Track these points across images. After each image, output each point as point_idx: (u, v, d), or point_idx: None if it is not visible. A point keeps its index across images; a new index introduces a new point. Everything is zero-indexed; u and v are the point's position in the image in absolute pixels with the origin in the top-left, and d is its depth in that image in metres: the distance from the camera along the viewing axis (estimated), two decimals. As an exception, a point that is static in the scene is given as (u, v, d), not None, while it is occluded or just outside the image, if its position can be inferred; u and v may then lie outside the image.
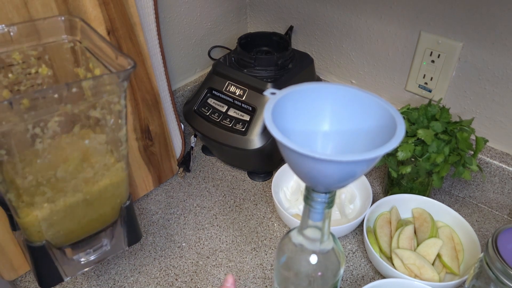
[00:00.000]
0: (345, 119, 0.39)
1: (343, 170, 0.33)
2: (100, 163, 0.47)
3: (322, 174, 0.34)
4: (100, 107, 0.44)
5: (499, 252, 0.47)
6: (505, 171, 0.74)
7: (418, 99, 0.84)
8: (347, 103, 0.39)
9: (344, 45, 0.90)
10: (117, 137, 0.48)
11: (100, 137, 0.47)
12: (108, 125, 0.46)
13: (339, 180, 0.35)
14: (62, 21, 0.52)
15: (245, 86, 0.79)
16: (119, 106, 0.45)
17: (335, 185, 0.37)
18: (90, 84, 0.41)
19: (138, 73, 0.71)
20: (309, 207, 0.40)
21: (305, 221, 0.42)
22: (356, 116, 0.39)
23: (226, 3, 0.97)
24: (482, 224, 0.76)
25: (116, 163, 0.49)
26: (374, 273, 0.68)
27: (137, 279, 0.67)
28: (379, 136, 0.36)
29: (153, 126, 0.77)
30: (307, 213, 0.41)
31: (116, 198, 0.51)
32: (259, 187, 0.84)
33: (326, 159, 0.31)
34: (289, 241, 0.45)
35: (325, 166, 0.32)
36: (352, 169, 0.33)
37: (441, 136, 0.67)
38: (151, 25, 0.75)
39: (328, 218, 0.41)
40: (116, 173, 0.49)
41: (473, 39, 0.71)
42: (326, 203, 0.39)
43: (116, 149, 0.49)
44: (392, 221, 0.71)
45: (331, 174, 0.34)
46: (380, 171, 0.88)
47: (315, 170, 0.33)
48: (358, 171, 0.34)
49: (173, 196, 0.82)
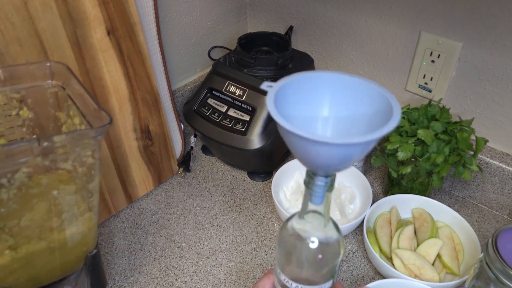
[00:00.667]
0: (344, 106, 0.41)
1: (341, 152, 0.35)
2: (68, 213, 0.46)
3: (322, 157, 0.36)
4: (72, 160, 0.43)
5: (499, 252, 0.47)
6: (505, 171, 0.74)
7: (418, 99, 0.84)
8: (345, 90, 0.40)
9: (344, 45, 0.90)
10: (88, 189, 0.46)
11: (69, 188, 0.45)
12: (79, 177, 0.45)
13: (338, 162, 0.37)
14: (48, 67, 0.51)
15: (245, 86, 0.79)
16: (92, 159, 0.44)
17: (334, 168, 0.39)
18: (62, 139, 0.40)
19: (138, 72, 0.71)
20: (310, 191, 0.41)
21: (306, 205, 0.43)
22: (353, 102, 0.40)
23: (226, 3, 0.97)
24: (482, 224, 0.76)
25: (85, 212, 0.48)
26: (374, 273, 0.68)
27: (137, 279, 0.67)
28: (376, 121, 0.38)
29: (153, 126, 0.77)
30: (308, 197, 0.42)
31: (82, 246, 0.50)
32: (259, 187, 0.84)
33: (325, 142, 0.33)
34: (290, 226, 0.46)
35: (324, 149, 0.34)
36: (349, 151, 0.35)
37: (441, 136, 0.67)
38: (151, 25, 0.75)
39: (328, 202, 0.43)
40: (84, 223, 0.48)
41: (473, 39, 0.71)
42: (327, 186, 0.40)
43: (86, 200, 0.47)
44: (392, 221, 0.71)
45: (330, 157, 0.35)
46: (380, 171, 0.88)
47: (315, 153, 0.35)
48: (355, 154, 0.36)
49: (173, 196, 0.82)
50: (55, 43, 0.59)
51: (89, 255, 0.52)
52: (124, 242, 0.73)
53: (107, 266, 0.68)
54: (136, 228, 0.75)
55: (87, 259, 0.52)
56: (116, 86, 0.69)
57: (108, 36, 0.65)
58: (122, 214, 0.78)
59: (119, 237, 0.73)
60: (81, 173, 0.44)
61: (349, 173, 0.80)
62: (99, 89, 0.66)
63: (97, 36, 0.64)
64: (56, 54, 0.59)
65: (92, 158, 0.44)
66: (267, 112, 0.76)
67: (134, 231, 0.75)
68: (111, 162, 0.72)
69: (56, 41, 0.59)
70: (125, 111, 0.71)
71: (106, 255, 0.70)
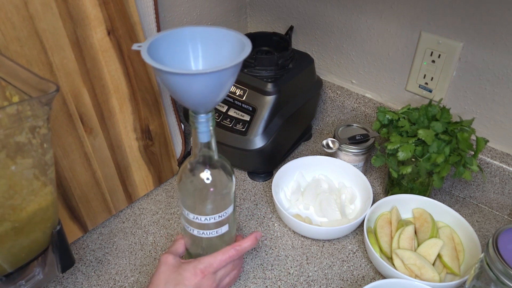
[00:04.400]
0: (212, 51, 0.51)
1: (213, 80, 0.44)
2: (28, 189, 0.46)
3: (199, 89, 0.44)
4: (26, 132, 0.43)
5: (500, 252, 0.47)
6: (505, 171, 0.74)
7: (418, 99, 0.84)
8: (211, 39, 0.50)
9: (344, 45, 0.90)
10: (44, 161, 0.46)
11: (26, 162, 0.45)
12: (34, 149, 0.45)
13: (212, 92, 0.46)
14: None
15: (245, 86, 0.79)
16: (45, 130, 0.44)
17: (210, 101, 0.47)
18: (14, 110, 0.40)
19: (138, 72, 0.71)
20: (196, 130, 0.50)
21: (196, 144, 0.52)
22: (218, 47, 0.50)
23: (226, 3, 0.97)
24: (483, 224, 0.76)
25: (44, 187, 0.47)
26: (374, 273, 0.68)
27: (138, 279, 0.67)
28: (234, 55, 0.47)
29: (154, 126, 0.77)
30: (196, 137, 0.51)
31: (46, 222, 0.50)
32: (259, 187, 0.84)
33: (201, 72, 0.43)
34: (185, 167, 0.55)
35: (200, 79, 0.43)
36: (220, 78, 0.44)
37: (442, 136, 0.67)
38: (151, 25, 0.75)
39: (213, 136, 0.52)
40: (44, 197, 0.48)
41: (473, 39, 0.71)
42: (209, 122, 0.49)
43: (44, 173, 0.47)
44: (393, 221, 0.71)
45: (206, 87, 0.44)
46: (380, 171, 0.88)
47: (187, 87, 0.44)
48: (224, 80, 0.45)
49: (174, 196, 0.82)
50: (55, 43, 0.59)
51: (54, 232, 0.51)
52: (125, 242, 0.73)
53: (107, 266, 0.68)
54: (137, 228, 0.75)
55: (53, 236, 0.51)
56: (116, 86, 0.69)
57: (108, 36, 0.65)
58: (122, 214, 0.78)
59: (120, 237, 0.73)
60: (35, 145, 0.44)
61: (349, 173, 0.80)
62: (99, 89, 0.66)
63: (97, 36, 0.64)
64: (56, 54, 0.59)
65: (45, 128, 0.44)
66: (268, 112, 0.76)
67: (134, 231, 0.75)
68: (112, 162, 0.72)
69: (56, 41, 0.59)
70: (126, 111, 0.71)
71: (107, 255, 0.70)
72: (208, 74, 0.42)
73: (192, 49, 0.50)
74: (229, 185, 0.56)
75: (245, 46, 0.47)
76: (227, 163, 0.56)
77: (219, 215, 0.56)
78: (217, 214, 0.56)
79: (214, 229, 0.57)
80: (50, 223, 0.50)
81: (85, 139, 0.66)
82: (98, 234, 0.74)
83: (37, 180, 0.47)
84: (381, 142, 0.88)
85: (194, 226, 0.57)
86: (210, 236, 0.58)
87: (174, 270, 0.54)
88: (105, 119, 0.69)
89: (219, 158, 0.55)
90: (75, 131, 0.65)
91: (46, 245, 0.51)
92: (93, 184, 0.70)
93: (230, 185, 0.56)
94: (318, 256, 0.70)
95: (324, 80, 0.96)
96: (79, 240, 0.73)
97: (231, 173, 0.56)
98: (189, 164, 0.55)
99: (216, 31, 0.50)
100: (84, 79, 0.64)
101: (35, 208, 0.47)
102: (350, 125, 0.85)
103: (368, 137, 0.81)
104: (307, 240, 0.73)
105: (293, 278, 0.66)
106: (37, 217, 0.48)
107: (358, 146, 0.80)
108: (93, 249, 0.71)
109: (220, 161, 0.55)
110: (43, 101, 0.42)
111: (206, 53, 0.51)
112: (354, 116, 0.93)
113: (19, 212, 0.46)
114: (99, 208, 0.73)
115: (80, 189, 0.68)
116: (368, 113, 0.90)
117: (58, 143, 0.63)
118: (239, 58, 0.44)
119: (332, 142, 0.81)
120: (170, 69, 0.42)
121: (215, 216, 0.56)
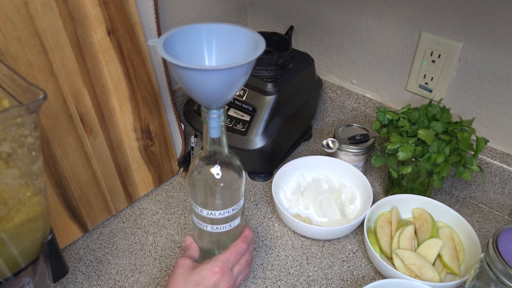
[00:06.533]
0: (226, 48, 0.51)
1: (226, 77, 0.44)
2: (14, 199, 0.44)
3: (209, 86, 0.45)
4: (10, 141, 0.41)
5: (500, 252, 0.47)
6: (505, 172, 0.74)
7: (418, 99, 0.84)
8: (226, 36, 0.50)
9: (344, 45, 0.90)
10: (32, 171, 0.44)
11: (12, 172, 0.43)
12: (19, 159, 0.43)
13: (225, 89, 0.46)
14: None
15: (245, 86, 0.79)
16: (31, 138, 0.42)
17: (223, 97, 0.48)
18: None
19: (139, 72, 0.71)
20: (208, 125, 0.50)
21: (207, 140, 0.53)
22: (233, 44, 0.50)
23: (226, 3, 0.97)
24: (483, 224, 0.76)
25: (33, 197, 0.46)
26: (374, 273, 0.68)
27: (138, 279, 0.67)
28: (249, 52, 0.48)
29: (154, 126, 0.77)
30: (207, 132, 0.52)
31: (35, 232, 0.48)
32: (259, 187, 0.84)
33: (214, 69, 0.43)
34: (196, 163, 0.55)
35: (213, 75, 0.44)
36: (233, 75, 0.45)
37: (442, 136, 0.67)
38: (151, 25, 0.75)
39: (224, 133, 0.53)
40: (33, 208, 0.46)
41: (473, 39, 0.71)
42: (221, 118, 0.50)
43: (32, 183, 0.45)
44: (393, 221, 0.71)
45: (219, 83, 0.45)
46: (380, 171, 0.88)
47: (202, 82, 0.44)
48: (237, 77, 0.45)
49: (174, 196, 0.82)
50: (56, 43, 0.59)
51: (45, 242, 0.50)
52: (125, 242, 0.73)
53: (107, 266, 0.69)
54: (137, 228, 0.75)
55: (43, 246, 0.50)
56: (116, 86, 0.69)
57: (108, 36, 0.65)
58: (122, 214, 0.78)
59: (120, 237, 0.73)
60: (21, 154, 0.43)
61: (349, 173, 0.80)
62: (99, 89, 0.66)
63: (97, 36, 0.64)
64: (57, 54, 0.59)
65: (31, 137, 0.42)
66: (268, 112, 0.76)
67: (134, 231, 0.75)
68: (112, 162, 0.72)
69: (56, 41, 0.59)
70: (126, 111, 0.71)
71: (107, 255, 0.70)
72: (224, 70, 0.43)
73: (207, 45, 0.51)
74: (239, 180, 0.56)
75: (259, 44, 0.47)
76: (237, 158, 0.57)
77: (232, 209, 0.57)
78: (230, 208, 0.57)
79: (227, 223, 0.58)
80: (40, 233, 0.49)
81: (85, 139, 0.66)
82: (98, 234, 0.74)
83: (25, 190, 0.45)
84: (381, 142, 0.88)
85: (207, 222, 0.58)
86: (223, 230, 0.58)
87: (192, 271, 0.55)
88: (105, 119, 0.69)
89: (229, 154, 0.55)
90: (75, 131, 0.65)
91: (36, 255, 0.50)
92: (93, 184, 0.70)
93: (240, 180, 0.57)
94: (318, 256, 0.70)
95: (324, 80, 0.96)
96: (79, 240, 0.73)
97: (241, 168, 0.57)
98: (199, 160, 0.55)
99: (232, 28, 0.50)
100: (84, 79, 0.64)
101: (22, 219, 0.46)
102: (350, 125, 0.85)
103: (368, 137, 0.81)
104: (307, 240, 0.73)
105: (293, 278, 0.67)
106: (25, 227, 0.46)
107: (358, 146, 0.80)
108: (93, 249, 0.71)
109: (230, 157, 0.56)
110: (31, 108, 0.40)
111: (220, 50, 0.51)
112: (354, 116, 0.93)
113: (5, 223, 0.44)
114: (99, 208, 0.73)
115: (80, 189, 0.68)
116: (368, 113, 0.90)
117: (58, 143, 0.63)
118: (253, 55, 0.45)
119: (332, 142, 0.81)
120: (187, 64, 0.42)
121: (228, 210, 0.57)
